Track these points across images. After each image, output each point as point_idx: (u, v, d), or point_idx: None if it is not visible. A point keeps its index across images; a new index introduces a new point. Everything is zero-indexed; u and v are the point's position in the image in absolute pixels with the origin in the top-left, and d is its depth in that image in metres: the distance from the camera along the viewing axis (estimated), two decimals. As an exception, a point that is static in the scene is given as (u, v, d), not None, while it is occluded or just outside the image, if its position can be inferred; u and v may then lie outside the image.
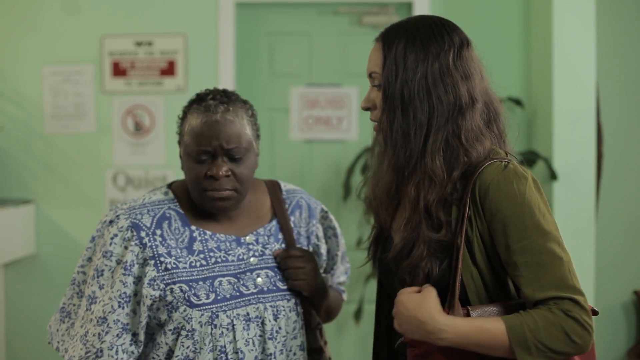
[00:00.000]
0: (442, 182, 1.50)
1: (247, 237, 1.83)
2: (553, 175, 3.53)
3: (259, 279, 1.80)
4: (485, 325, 1.42)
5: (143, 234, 1.76)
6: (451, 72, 1.52)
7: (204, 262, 1.77)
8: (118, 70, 3.91)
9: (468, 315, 1.46)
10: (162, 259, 1.74)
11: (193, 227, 1.80)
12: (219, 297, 1.75)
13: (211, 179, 1.74)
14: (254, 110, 1.84)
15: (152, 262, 1.74)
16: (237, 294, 1.77)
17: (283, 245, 1.87)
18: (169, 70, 3.91)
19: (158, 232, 1.77)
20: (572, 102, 3.58)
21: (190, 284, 1.74)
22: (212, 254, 1.79)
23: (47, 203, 3.91)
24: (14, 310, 3.91)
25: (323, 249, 1.96)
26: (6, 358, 3.90)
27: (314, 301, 1.88)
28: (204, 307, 1.73)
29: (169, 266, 1.74)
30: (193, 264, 1.76)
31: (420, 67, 1.52)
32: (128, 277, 1.73)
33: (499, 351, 1.42)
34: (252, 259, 1.82)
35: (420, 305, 1.45)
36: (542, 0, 3.71)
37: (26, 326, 3.91)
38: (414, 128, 1.51)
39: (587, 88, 3.59)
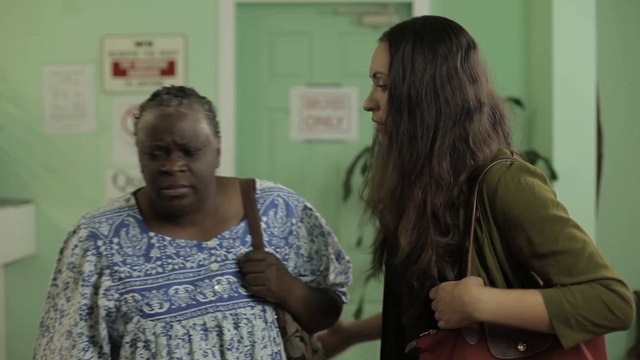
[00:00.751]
0: (449, 186, 1.48)
1: (210, 242, 1.72)
2: (553, 175, 3.53)
3: (218, 286, 1.69)
4: (523, 296, 1.41)
5: (100, 242, 1.69)
6: (459, 75, 1.50)
7: (160, 270, 1.68)
8: (118, 70, 3.91)
9: (481, 324, 1.45)
10: (116, 267, 1.67)
11: (151, 234, 1.71)
12: (173, 307, 1.66)
13: (166, 175, 1.64)
14: (212, 107, 1.73)
15: (108, 271, 1.67)
16: (194, 302, 1.67)
17: (250, 248, 1.74)
18: (169, 70, 3.90)
19: (115, 240, 1.70)
20: (572, 102, 3.58)
21: (144, 293, 1.66)
22: (169, 260, 1.69)
23: (47, 203, 3.90)
24: (14, 310, 3.90)
25: (304, 250, 1.81)
26: (6, 358, 3.90)
27: (285, 308, 1.77)
28: (157, 317, 1.65)
29: (122, 275, 1.67)
30: (148, 272, 1.68)
31: (428, 68, 1.49)
32: (87, 288, 1.67)
33: (538, 325, 1.40)
34: (212, 265, 1.70)
35: (459, 283, 1.44)
36: (542, 0, 3.70)
37: (26, 326, 3.89)
38: (421, 131, 1.49)
39: (587, 88, 3.59)
